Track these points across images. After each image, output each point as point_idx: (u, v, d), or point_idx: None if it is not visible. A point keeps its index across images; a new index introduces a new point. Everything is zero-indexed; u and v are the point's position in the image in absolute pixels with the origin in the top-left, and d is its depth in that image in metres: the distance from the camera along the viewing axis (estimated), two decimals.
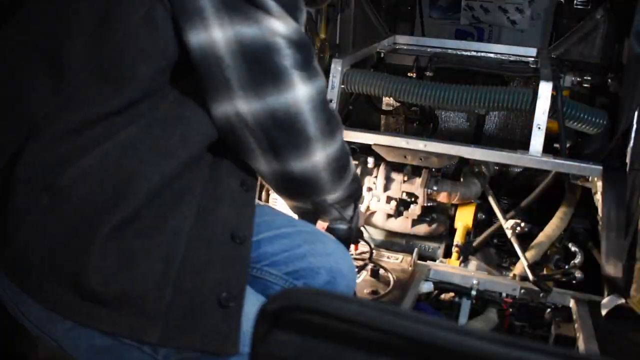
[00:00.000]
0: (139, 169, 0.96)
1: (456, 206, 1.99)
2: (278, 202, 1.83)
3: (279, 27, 0.99)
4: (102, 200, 0.93)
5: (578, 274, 1.81)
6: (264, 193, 1.99)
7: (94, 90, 0.96)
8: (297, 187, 1.13)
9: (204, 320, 0.94)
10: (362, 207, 1.93)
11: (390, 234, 2.01)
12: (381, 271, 1.70)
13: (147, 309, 0.91)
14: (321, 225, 1.30)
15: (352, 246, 1.62)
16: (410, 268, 1.74)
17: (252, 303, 1.01)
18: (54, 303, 0.92)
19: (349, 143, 2.07)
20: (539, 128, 1.69)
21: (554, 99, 1.71)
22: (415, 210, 1.91)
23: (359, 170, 1.90)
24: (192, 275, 0.95)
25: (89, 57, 0.97)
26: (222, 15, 0.96)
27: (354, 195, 1.25)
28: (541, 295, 1.66)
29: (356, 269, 1.30)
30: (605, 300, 1.53)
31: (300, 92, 1.02)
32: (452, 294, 1.79)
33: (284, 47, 1.00)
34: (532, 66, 2.30)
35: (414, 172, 1.93)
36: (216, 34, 0.97)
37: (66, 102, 0.96)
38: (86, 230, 0.91)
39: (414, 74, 2.31)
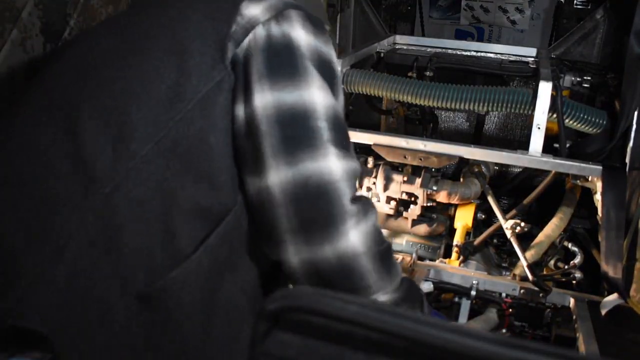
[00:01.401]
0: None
1: (456, 206, 1.99)
2: None
3: (319, 95, 0.95)
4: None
5: (578, 274, 1.81)
6: None
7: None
8: (334, 281, 0.94)
9: None
10: None
11: (390, 234, 2.01)
12: None
13: None
14: None
15: None
16: (410, 268, 1.73)
17: None
18: None
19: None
20: (539, 128, 1.69)
21: (554, 99, 1.71)
22: (415, 210, 1.91)
23: None
24: None
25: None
26: (265, 81, 0.92)
27: (414, 302, 1.08)
28: (541, 295, 1.66)
29: None
30: (605, 300, 1.53)
31: (337, 162, 0.95)
32: (451, 294, 1.79)
33: (321, 118, 0.95)
34: (532, 66, 2.30)
35: (413, 172, 1.93)
36: (257, 101, 0.92)
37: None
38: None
39: (414, 74, 2.31)
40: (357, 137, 1.87)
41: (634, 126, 1.59)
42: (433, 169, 1.89)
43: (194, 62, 0.92)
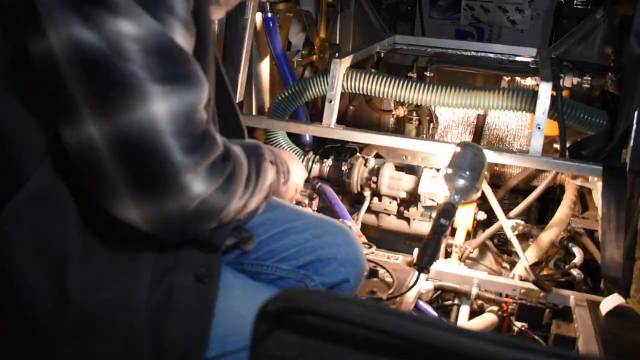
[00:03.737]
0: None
1: None
2: None
3: (127, 27, 0.77)
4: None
5: (578, 274, 1.81)
6: None
7: None
8: (185, 228, 0.88)
9: None
10: (363, 208, 1.93)
11: (390, 234, 2.01)
12: (381, 271, 1.70)
13: None
14: None
15: None
16: (410, 268, 1.73)
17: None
18: None
19: (348, 143, 2.10)
20: (539, 128, 1.69)
21: (554, 99, 1.71)
22: (415, 210, 1.91)
23: (359, 170, 1.90)
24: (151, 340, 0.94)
25: None
26: (57, 14, 0.77)
27: (257, 183, 0.99)
28: (541, 295, 1.66)
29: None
30: (605, 300, 1.53)
31: (157, 109, 0.79)
32: (452, 294, 1.79)
33: (134, 54, 0.78)
34: (532, 66, 2.30)
35: (413, 172, 1.93)
36: (52, 39, 0.77)
37: None
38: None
39: (414, 74, 2.31)
40: (357, 137, 1.87)
41: (634, 126, 1.59)
42: (433, 169, 1.89)
43: None
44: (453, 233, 1.91)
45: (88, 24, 0.76)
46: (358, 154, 1.98)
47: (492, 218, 1.91)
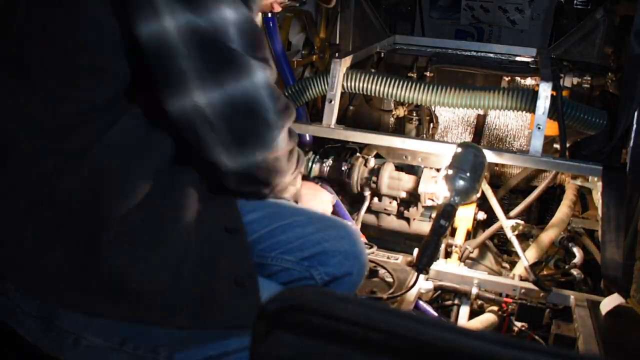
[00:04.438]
0: (130, 168, 0.99)
1: None
2: None
3: (229, 14, 0.96)
4: (100, 205, 0.96)
5: (578, 274, 1.81)
6: None
7: (65, 94, 0.97)
8: (259, 177, 1.11)
9: (227, 301, 1.00)
10: (363, 208, 1.93)
11: (390, 234, 2.01)
12: (381, 271, 1.70)
13: (169, 300, 0.97)
14: None
15: None
16: (410, 268, 1.73)
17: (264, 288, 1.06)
18: (85, 307, 0.95)
19: (348, 143, 2.10)
20: (539, 128, 1.69)
21: (554, 99, 1.71)
22: (415, 210, 1.91)
23: (359, 170, 1.90)
24: (203, 268, 1.00)
25: (52, 57, 0.97)
26: (172, 3, 0.93)
27: (299, 168, 1.27)
28: (541, 295, 1.66)
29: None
30: (605, 300, 1.53)
31: (259, 78, 1.00)
32: (452, 294, 1.79)
33: (234, 35, 0.97)
34: (532, 66, 2.30)
35: (413, 172, 1.93)
36: (168, 23, 0.93)
37: (41, 112, 0.97)
38: (92, 234, 0.94)
39: (414, 74, 2.31)
40: (357, 137, 1.87)
41: (634, 126, 1.58)
42: (433, 169, 1.89)
43: None
44: (453, 233, 1.91)
45: (198, 11, 0.94)
46: (358, 154, 1.98)
47: (492, 218, 1.91)
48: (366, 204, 1.93)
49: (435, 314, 1.73)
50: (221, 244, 1.05)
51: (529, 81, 2.26)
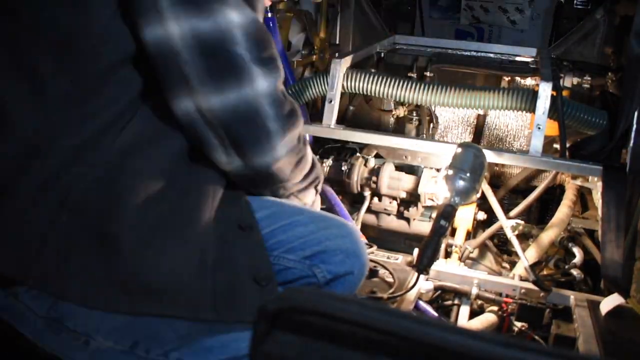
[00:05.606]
0: (142, 167, 1.00)
1: None
2: None
3: (235, 17, 0.97)
4: (117, 204, 0.96)
5: (578, 274, 1.81)
6: None
7: (76, 96, 0.98)
8: (259, 180, 1.15)
9: (248, 298, 1.01)
10: (363, 208, 1.93)
11: (390, 234, 2.01)
12: (381, 271, 1.70)
13: (194, 295, 0.97)
14: None
15: None
16: (410, 268, 1.73)
17: None
18: (109, 305, 0.95)
19: (348, 143, 2.10)
20: (539, 128, 1.69)
21: (554, 99, 1.70)
22: (415, 210, 1.91)
23: (359, 170, 1.90)
24: (222, 265, 1.01)
25: (60, 63, 0.98)
26: (177, 8, 0.94)
27: (314, 183, 1.29)
28: (541, 295, 1.66)
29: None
30: (605, 300, 1.53)
31: (260, 86, 1.01)
32: (452, 294, 1.79)
33: (240, 38, 0.98)
34: (532, 66, 2.30)
35: (413, 172, 1.93)
36: (172, 29, 0.95)
37: (54, 115, 0.98)
38: (110, 234, 0.95)
39: (414, 74, 2.31)
40: (357, 137, 1.87)
41: (634, 126, 1.58)
42: (433, 169, 1.89)
43: None
44: (453, 233, 1.91)
45: (204, 15, 0.95)
46: (358, 154, 1.98)
47: (492, 218, 1.91)
48: (366, 204, 1.93)
49: (435, 314, 1.73)
50: (236, 242, 1.06)
51: (529, 81, 2.26)
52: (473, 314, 1.76)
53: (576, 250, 1.88)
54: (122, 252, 0.95)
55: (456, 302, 1.78)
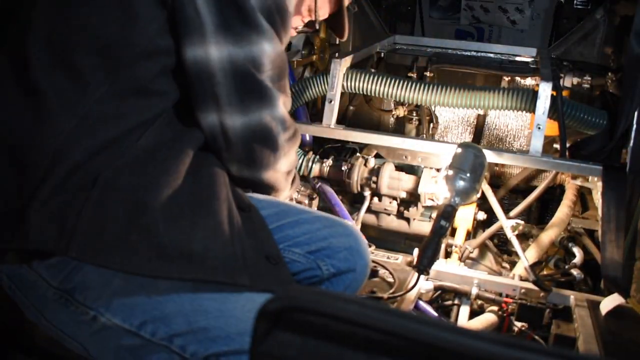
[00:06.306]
0: (173, 149, 1.09)
1: None
2: None
3: (267, 48, 1.10)
4: (148, 180, 1.03)
5: (578, 274, 1.81)
6: None
7: (112, 101, 1.06)
8: (257, 186, 1.27)
9: (263, 275, 1.06)
10: (363, 208, 1.93)
11: (390, 234, 2.01)
12: (381, 271, 1.70)
13: (228, 262, 1.02)
14: None
15: None
16: (410, 268, 1.73)
17: None
18: (150, 268, 0.98)
19: (348, 143, 2.10)
20: (539, 128, 1.69)
21: (554, 99, 1.71)
22: (415, 210, 1.91)
23: (359, 170, 1.90)
24: (242, 240, 1.07)
25: (101, 67, 1.05)
26: (219, 34, 1.06)
27: (293, 189, 1.43)
28: (541, 295, 1.66)
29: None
30: (605, 300, 1.53)
31: (276, 110, 1.16)
32: (452, 294, 1.79)
33: (266, 67, 1.11)
34: (532, 66, 2.30)
35: (413, 172, 1.93)
36: (212, 52, 1.06)
37: (90, 112, 1.04)
38: (147, 202, 1.01)
39: (414, 74, 2.31)
40: (357, 137, 1.87)
41: (634, 126, 1.58)
42: (433, 169, 1.89)
43: None
44: (453, 233, 1.91)
45: (242, 44, 1.07)
46: (358, 154, 1.98)
47: (492, 218, 1.91)
48: (366, 204, 1.93)
49: (435, 314, 1.73)
50: (240, 222, 1.11)
51: (529, 81, 2.26)
52: (473, 314, 1.76)
53: (576, 250, 1.88)
54: (158, 221, 1.00)
55: (456, 302, 1.78)
